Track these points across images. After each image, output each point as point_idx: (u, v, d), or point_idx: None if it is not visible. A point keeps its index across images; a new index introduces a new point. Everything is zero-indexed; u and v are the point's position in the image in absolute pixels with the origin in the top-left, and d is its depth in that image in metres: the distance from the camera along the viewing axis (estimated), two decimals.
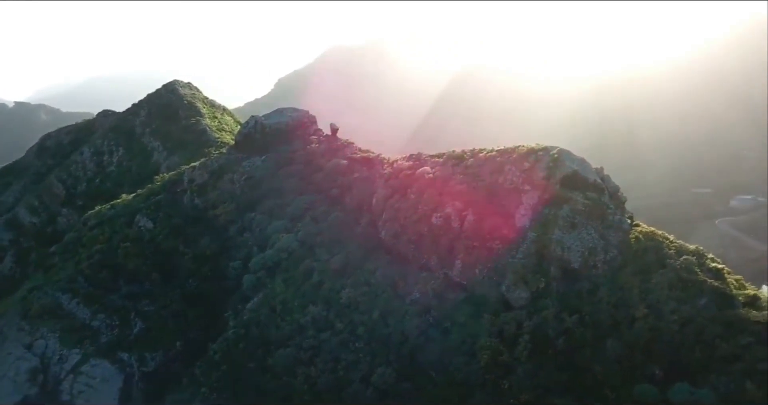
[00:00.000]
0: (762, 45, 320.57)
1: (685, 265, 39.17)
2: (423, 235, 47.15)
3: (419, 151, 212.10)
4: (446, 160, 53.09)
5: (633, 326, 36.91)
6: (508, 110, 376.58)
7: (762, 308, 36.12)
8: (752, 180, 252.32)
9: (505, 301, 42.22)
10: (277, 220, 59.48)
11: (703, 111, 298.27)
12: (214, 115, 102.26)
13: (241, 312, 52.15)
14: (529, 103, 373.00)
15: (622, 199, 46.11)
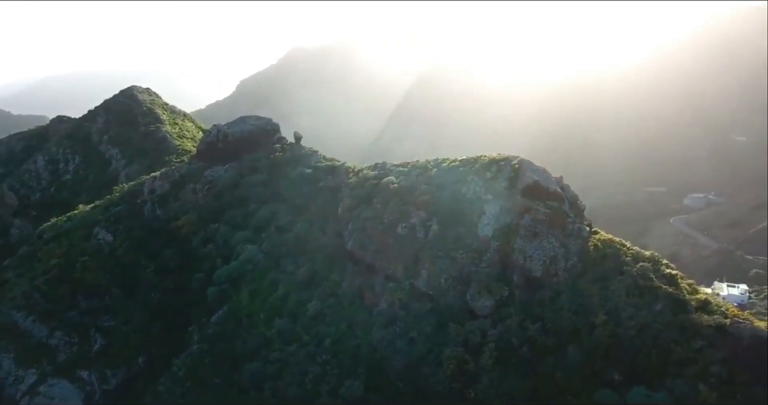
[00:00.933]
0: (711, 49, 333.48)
1: (642, 272, 40.57)
2: (389, 245, 47.47)
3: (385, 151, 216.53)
4: (411, 169, 53.59)
5: (593, 333, 38.05)
6: (471, 112, 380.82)
7: (713, 312, 37.76)
8: (704, 179, 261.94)
9: (470, 309, 42.90)
10: (241, 231, 58.91)
11: (657, 113, 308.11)
12: (175, 122, 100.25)
13: (205, 325, 51.47)
14: (491, 106, 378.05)
15: (581, 207, 47.41)
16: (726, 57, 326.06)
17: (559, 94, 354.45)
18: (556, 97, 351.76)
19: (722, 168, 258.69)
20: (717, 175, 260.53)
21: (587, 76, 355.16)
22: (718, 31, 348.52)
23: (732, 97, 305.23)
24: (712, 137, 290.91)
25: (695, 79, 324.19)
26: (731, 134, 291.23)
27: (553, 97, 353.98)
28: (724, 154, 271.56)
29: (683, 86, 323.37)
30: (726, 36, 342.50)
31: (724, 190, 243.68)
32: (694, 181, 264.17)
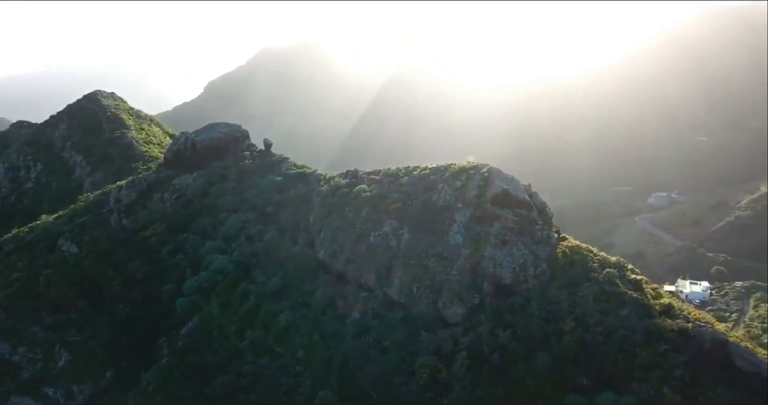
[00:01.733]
0: (674, 52, 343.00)
1: (608, 278, 41.56)
2: (361, 254, 47.55)
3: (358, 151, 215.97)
4: (382, 177, 53.69)
5: (562, 339, 38.79)
6: (442, 113, 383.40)
7: (676, 317, 38.86)
8: (667, 178, 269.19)
9: (442, 317, 43.33)
10: (211, 240, 58.14)
11: (622, 114, 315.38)
12: (141, 127, 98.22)
13: (175, 338, 50.67)
14: (463, 107, 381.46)
15: (550, 214, 48.25)
16: (688, 60, 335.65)
17: (527, 96, 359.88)
18: (525, 99, 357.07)
19: (684, 167, 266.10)
20: (680, 174, 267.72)
21: (555, 79, 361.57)
22: (681, 35, 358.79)
23: (694, 98, 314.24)
24: (675, 137, 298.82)
25: (658, 81, 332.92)
26: (693, 134, 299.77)
27: (522, 99, 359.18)
28: (687, 154, 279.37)
29: (647, 88, 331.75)
30: (688, 40, 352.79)
31: (686, 189, 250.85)
32: (658, 181, 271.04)
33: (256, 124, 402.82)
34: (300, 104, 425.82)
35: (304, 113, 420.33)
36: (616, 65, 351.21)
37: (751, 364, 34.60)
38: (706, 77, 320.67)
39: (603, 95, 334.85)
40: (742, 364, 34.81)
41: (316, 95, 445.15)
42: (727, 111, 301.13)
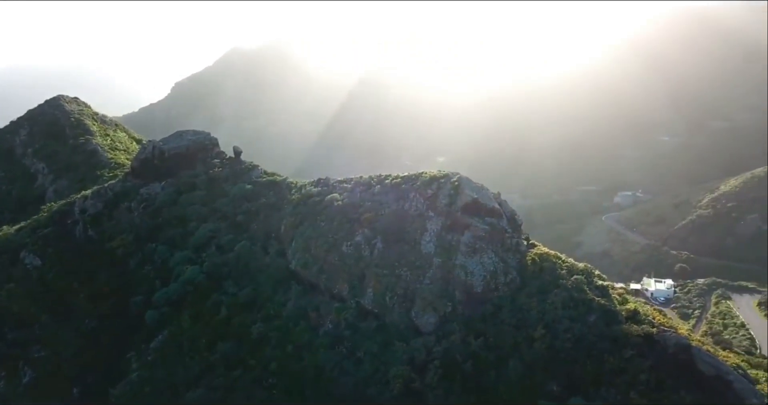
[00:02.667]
0: (636, 54, 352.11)
1: (576, 285, 42.52)
2: (334, 263, 47.49)
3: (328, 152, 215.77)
4: (354, 186, 53.79)
5: (532, 346, 39.51)
6: (412, 115, 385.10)
7: (641, 322, 39.95)
8: (632, 177, 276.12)
9: (415, 326, 43.66)
10: (181, 251, 57.27)
11: (587, 115, 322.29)
12: (106, 133, 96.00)
13: (144, 352, 49.77)
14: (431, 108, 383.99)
15: (519, 222, 49.01)
16: (650, 62, 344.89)
17: (496, 97, 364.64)
18: (494, 101, 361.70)
19: (648, 167, 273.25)
20: (643, 173, 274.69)
21: (522, 81, 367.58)
22: (643, 39, 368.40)
23: (656, 99, 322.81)
24: (638, 138, 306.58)
25: (622, 83, 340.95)
26: (656, 135, 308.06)
27: (491, 100, 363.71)
28: (650, 154, 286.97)
29: (611, 90, 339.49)
30: (650, 43, 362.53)
31: (650, 188, 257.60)
32: (623, 180, 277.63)
33: (224, 126, 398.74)
34: (270, 105, 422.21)
35: (274, 114, 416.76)
36: (582, 68, 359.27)
37: (713, 368, 35.86)
38: (668, 79, 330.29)
39: (569, 97, 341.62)
40: (704, 368, 36.04)
41: (286, 96, 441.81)
42: (689, 112, 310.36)
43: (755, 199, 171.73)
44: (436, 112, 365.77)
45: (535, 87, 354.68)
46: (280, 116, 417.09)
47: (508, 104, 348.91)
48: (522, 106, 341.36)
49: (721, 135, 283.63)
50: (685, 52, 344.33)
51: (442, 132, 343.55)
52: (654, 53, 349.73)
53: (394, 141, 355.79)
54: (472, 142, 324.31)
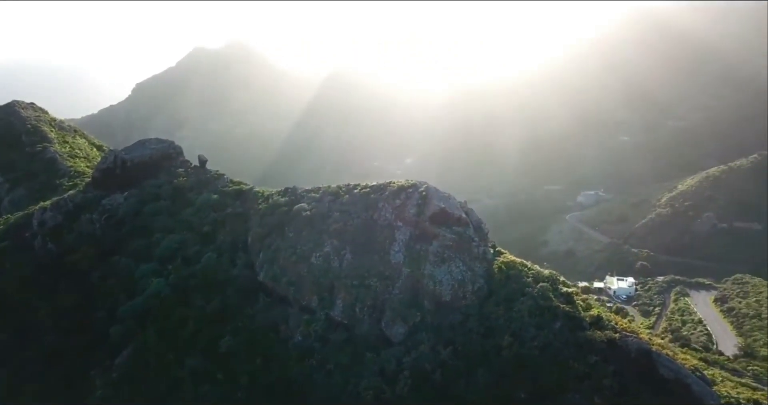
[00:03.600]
0: (594, 56, 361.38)
1: (542, 292, 43.45)
2: (303, 275, 47.33)
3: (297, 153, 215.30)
4: (322, 196, 53.67)
5: (500, 354, 40.25)
6: (380, 114, 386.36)
7: (604, 328, 41.13)
8: (594, 177, 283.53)
9: (385, 337, 43.92)
10: (145, 263, 56.09)
11: (550, 115, 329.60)
12: (65, 140, 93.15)
13: (109, 369, 48.60)
14: (399, 107, 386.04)
15: (485, 230, 49.72)
16: (607, 62, 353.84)
17: (460, 97, 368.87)
18: (459, 101, 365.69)
19: (609, 166, 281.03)
20: (605, 172, 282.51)
21: (487, 81, 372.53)
22: (601, 39, 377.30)
23: (614, 98, 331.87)
24: (599, 138, 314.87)
25: (582, 82, 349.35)
26: (616, 134, 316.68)
27: (456, 100, 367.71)
28: (611, 153, 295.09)
29: (572, 90, 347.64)
30: (607, 43, 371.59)
31: (611, 187, 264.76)
32: (586, 179, 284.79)
33: (189, 128, 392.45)
34: (235, 106, 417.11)
35: (240, 115, 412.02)
36: (540, 68, 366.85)
37: (672, 372, 37.19)
38: (625, 79, 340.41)
39: (533, 97, 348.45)
40: (665, 372, 37.35)
41: (253, 97, 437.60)
42: (646, 111, 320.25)
43: (710, 198, 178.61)
44: (405, 112, 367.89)
45: (500, 87, 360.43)
46: (246, 117, 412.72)
47: (474, 104, 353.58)
48: (487, 105, 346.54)
49: (677, 134, 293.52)
50: (641, 53, 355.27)
51: (411, 132, 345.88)
52: (612, 54, 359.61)
53: (363, 141, 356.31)
54: (440, 141, 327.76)
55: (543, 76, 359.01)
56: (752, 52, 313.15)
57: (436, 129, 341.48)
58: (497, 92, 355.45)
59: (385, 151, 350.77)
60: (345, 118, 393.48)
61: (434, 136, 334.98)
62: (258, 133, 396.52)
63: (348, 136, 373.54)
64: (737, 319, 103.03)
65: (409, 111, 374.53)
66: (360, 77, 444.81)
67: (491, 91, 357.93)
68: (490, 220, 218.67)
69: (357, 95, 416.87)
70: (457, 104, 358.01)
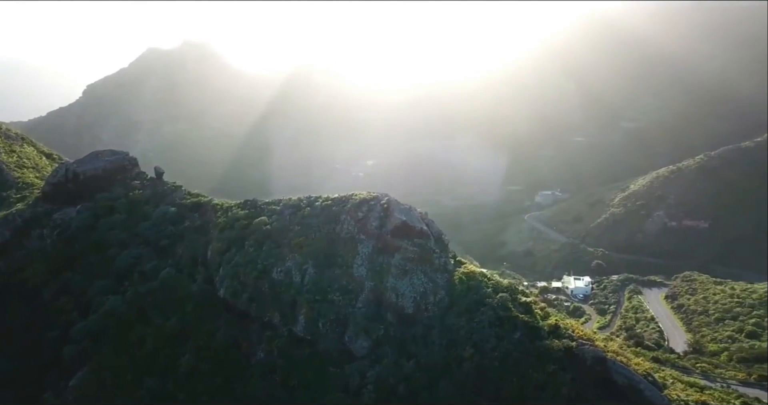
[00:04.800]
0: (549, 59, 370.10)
1: (501, 303, 44.40)
2: (264, 291, 46.93)
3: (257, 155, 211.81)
4: (283, 208, 53.30)
5: (462, 366, 40.92)
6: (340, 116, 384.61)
7: (562, 336, 42.31)
8: (551, 177, 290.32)
9: (349, 351, 44.00)
10: (100, 280, 54.47)
11: (507, 117, 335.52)
12: (11, 149, 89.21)
13: (63, 390, 46.98)
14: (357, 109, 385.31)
15: (446, 241, 50.37)
16: (564, 66, 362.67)
17: (422, 99, 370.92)
18: (420, 102, 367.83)
19: (565, 167, 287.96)
20: (561, 173, 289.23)
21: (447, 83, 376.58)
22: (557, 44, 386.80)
23: (569, 100, 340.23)
24: (555, 138, 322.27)
25: (538, 86, 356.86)
26: (571, 135, 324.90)
27: (417, 101, 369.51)
28: (567, 154, 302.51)
29: (529, 91, 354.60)
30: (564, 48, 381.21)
31: (568, 187, 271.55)
32: (543, 179, 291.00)
33: (143, 131, 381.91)
34: (191, 108, 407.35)
35: (196, 118, 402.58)
36: (496, 72, 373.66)
37: (626, 378, 38.64)
38: (579, 81, 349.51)
39: (492, 99, 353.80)
40: (618, 378, 38.77)
41: (209, 98, 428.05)
42: (599, 113, 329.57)
43: (661, 198, 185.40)
44: (367, 113, 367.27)
45: (460, 89, 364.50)
46: (203, 119, 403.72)
47: (435, 105, 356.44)
48: (448, 107, 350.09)
49: (629, 135, 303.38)
50: (595, 57, 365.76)
51: (373, 133, 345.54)
52: (568, 58, 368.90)
53: (324, 143, 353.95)
54: (402, 143, 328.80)
55: (502, 78, 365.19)
56: (700, 56, 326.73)
57: (398, 130, 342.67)
58: (458, 94, 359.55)
59: (347, 153, 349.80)
60: (305, 118, 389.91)
61: (397, 138, 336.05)
62: (215, 135, 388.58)
63: (308, 137, 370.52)
64: (686, 316, 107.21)
65: (370, 112, 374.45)
66: (320, 77, 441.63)
67: (452, 93, 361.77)
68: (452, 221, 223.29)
69: (317, 95, 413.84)
70: (418, 106, 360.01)
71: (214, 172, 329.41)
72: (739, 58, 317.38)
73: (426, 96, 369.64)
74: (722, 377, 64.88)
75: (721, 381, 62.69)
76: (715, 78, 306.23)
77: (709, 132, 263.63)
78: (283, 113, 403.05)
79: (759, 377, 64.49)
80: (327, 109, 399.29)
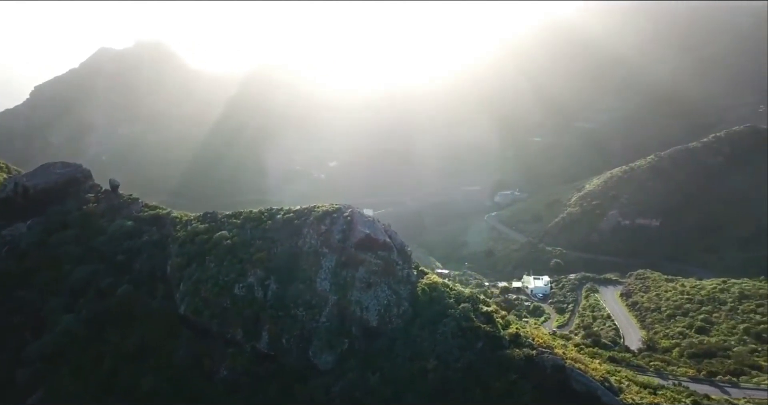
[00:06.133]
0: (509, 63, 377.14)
1: (463, 313, 45.18)
2: (226, 307, 46.36)
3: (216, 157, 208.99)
4: (244, 222, 52.77)
5: (426, 378, 41.43)
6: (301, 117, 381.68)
7: (522, 345, 43.37)
8: (510, 177, 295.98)
9: (314, 366, 43.95)
10: (54, 298, 52.81)
11: (466, 118, 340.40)
12: None
13: None
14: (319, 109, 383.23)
15: (409, 253, 50.83)
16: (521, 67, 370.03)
17: (383, 100, 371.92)
18: (381, 103, 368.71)
19: (523, 167, 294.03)
20: (520, 173, 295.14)
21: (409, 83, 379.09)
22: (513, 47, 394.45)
23: (527, 101, 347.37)
24: (513, 138, 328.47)
25: (496, 87, 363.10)
26: (529, 135, 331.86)
27: (378, 102, 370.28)
28: (524, 154, 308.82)
29: (488, 92, 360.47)
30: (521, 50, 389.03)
31: (526, 187, 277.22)
32: (502, 180, 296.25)
33: (96, 134, 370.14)
34: (147, 110, 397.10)
35: (152, 119, 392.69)
36: (456, 74, 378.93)
37: (584, 385, 39.93)
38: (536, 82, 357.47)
39: (451, 99, 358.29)
40: (577, 386, 40.03)
41: (167, 99, 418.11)
42: (555, 113, 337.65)
43: (614, 197, 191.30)
44: (327, 113, 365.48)
45: (420, 90, 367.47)
46: (159, 121, 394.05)
47: (396, 106, 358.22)
48: (409, 108, 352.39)
49: (584, 136, 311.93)
50: (551, 58, 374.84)
51: (334, 133, 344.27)
52: (525, 59, 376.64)
53: (285, 144, 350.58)
54: (364, 144, 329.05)
55: (462, 79, 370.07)
56: (649, 58, 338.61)
57: (359, 131, 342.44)
58: (418, 95, 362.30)
59: (307, 154, 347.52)
60: (265, 120, 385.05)
61: (358, 138, 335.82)
62: (172, 137, 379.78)
63: (269, 138, 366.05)
64: (640, 313, 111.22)
65: (332, 112, 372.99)
66: (281, 76, 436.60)
67: (412, 94, 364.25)
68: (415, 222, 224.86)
69: (278, 95, 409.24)
70: (379, 107, 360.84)
71: (173, 174, 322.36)
72: (687, 61, 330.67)
73: (387, 96, 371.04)
74: (674, 374, 67.60)
75: (673, 378, 65.27)
76: (665, 79, 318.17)
77: (660, 132, 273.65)
78: (243, 113, 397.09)
79: (708, 373, 67.52)
80: (288, 109, 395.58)
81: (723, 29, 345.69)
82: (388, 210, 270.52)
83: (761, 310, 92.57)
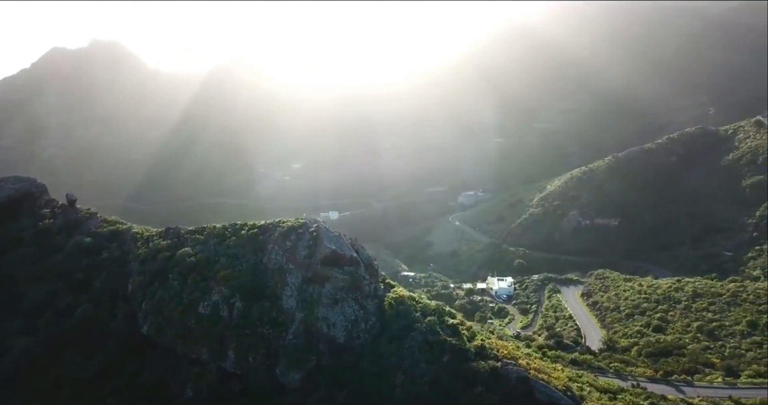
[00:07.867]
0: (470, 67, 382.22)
1: (430, 327, 45.70)
2: (191, 327, 45.74)
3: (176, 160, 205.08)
4: (207, 238, 52.12)
5: (394, 393, 41.79)
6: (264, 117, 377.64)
7: (488, 357, 44.18)
8: (473, 178, 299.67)
9: (281, 384, 43.80)
10: (10, 319, 51.12)
11: (429, 120, 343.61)
12: None
13: None
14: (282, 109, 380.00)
15: (376, 267, 51.11)
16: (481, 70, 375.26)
17: (346, 101, 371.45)
18: (341, 106, 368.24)
19: (486, 167, 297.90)
20: (483, 173, 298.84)
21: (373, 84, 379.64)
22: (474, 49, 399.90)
23: (489, 104, 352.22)
24: (476, 139, 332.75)
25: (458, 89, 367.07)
26: (491, 136, 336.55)
27: (338, 105, 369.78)
28: (487, 155, 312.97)
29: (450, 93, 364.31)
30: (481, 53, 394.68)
31: (489, 188, 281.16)
32: (465, 180, 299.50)
33: (50, 137, 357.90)
34: (104, 112, 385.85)
35: (109, 121, 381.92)
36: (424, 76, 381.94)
37: (547, 396, 40.98)
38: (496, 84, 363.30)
39: (415, 101, 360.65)
40: (540, 396, 41.05)
41: (122, 100, 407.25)
42: (516, 115, 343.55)
43: (575, 198, 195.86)
44: (291, 114, 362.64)
45: (383, 91, 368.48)
46: (116, 123, 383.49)
47: (360, 108, 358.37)
48: (373, 108, 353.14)
49: (543, 137, 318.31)
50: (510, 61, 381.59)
51: (297, 135, 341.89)
52: (485, 62, 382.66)
53: (247, 145, 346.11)
54: (328, 146, 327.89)
55: (424, 82, 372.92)
56: (604, 60, 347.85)
57: (323, 133, 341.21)
58: (382, 95, 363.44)
59: (271, 156, 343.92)
60: (226, 120, 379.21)
61: (322, 139, 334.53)
62: (130, 140, 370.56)
63: (230, 140, 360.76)
64: (600, 312, 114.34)
65: (296, 113, 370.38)
66: (243, 76, 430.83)
67: (377, 95, 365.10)
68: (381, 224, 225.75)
69: (240, 96, 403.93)
70: (343, 108, 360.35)
71: (132, 178, 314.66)
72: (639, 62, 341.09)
73: (351, 98, 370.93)
74: (633, 375, 69.89)
75: (632, 379, 67.50)
76: (619, 81, 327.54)
77: (616, 133, 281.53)
78: (203, 114, 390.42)
79: (664, 373, 70.08)
80: (250, 110, 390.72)
81: (674, 32, 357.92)
82: (354, 212, 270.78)
83: (713, 308, 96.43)
